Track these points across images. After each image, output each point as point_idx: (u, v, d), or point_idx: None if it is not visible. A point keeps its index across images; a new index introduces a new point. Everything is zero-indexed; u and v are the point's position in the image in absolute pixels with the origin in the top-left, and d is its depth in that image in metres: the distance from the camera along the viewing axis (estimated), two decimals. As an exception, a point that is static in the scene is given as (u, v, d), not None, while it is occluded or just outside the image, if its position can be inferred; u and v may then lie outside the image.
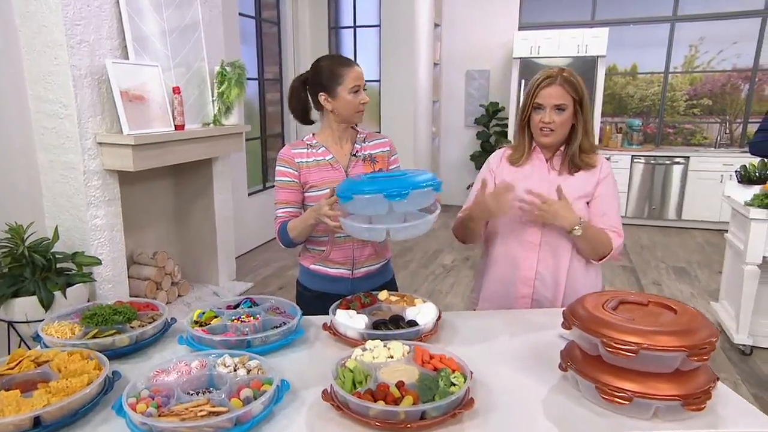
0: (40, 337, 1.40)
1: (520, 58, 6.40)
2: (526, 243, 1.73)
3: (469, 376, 1.15)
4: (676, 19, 6.56)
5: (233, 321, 1.47)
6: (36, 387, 1.14)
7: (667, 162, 6.29)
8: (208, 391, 1.15)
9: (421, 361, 1.23)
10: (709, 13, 6.44)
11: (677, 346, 1.03)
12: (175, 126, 3.17)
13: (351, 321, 1.45)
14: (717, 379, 1.11)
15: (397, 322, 1.46)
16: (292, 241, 1.74)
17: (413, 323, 1.45)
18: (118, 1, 2.90)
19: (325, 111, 1.76)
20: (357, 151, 1.80)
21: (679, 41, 6.65)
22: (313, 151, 1.77)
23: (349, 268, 1.81)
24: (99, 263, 2.88)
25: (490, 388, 1.22)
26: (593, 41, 6.12)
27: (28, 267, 2.57)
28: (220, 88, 3.53)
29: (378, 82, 6.29)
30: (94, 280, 2.87)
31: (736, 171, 3.61)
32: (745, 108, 6.59)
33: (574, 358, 1.20)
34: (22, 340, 2.60)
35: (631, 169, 6.39)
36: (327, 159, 1.76)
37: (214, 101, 3.58)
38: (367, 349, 1.28)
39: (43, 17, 2.63)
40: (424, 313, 1.49)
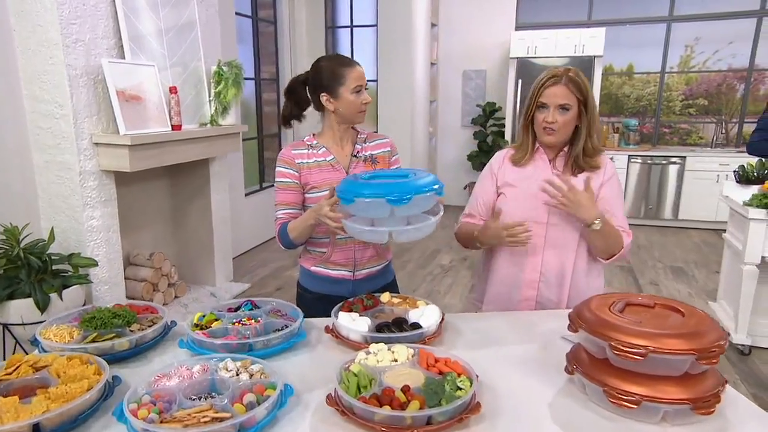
0: (37, 341, 1.37)
1: (517, 58, 6.41)
2: (530, 245, 1.71)
3: (475, 379, 1.14)
4: (672, 19, 6.58)
5: (234, 324, 1.45)
6: (35, 393, 1.11)
7: (663, 162, 6.30)
8: (211, 396, 1.13)
9: (426, 365, 1.21)
10: (704, 14, 6.46)
11: (686, 349, 1.02)
12: (171, 126, 3.14)
13: (353, 324, 1.43)
14: (725, 382, 1.10)
15: (400, 324, 1.45)
16: (292, 243, 1.73)
17: (417, 326, 1.44)
18: (113, 0, 2.87)
19: (327, 112, 1.74)
20: (358, 152, 1.78)
21: (675, 41, 6.67)
22: (314, 151, 1.75)
23: (350, 269, 1.79)
24: (95, 265, 2.85)
25: (496, 392, 1.21)
26: (590, 41, 6.13)
27: (24, 269, 2.54)
28: (217, 88, 3.50)
29: (375, 82, 6.27)
30: (91, 281, 2.84)
31: (735, 171, 3.62)
32: (741, 108, 6.62)
33: (580, 361, 1.19)
34: (18, 343, 2.57)
35: (628, 168, 6.41)
36: (328, 160, 1.74)
37: (211, 101, 3.55)
38: (370, 352, 1.26)
39: (38, 16, 2.60)
40: (427, 315, 1.48)
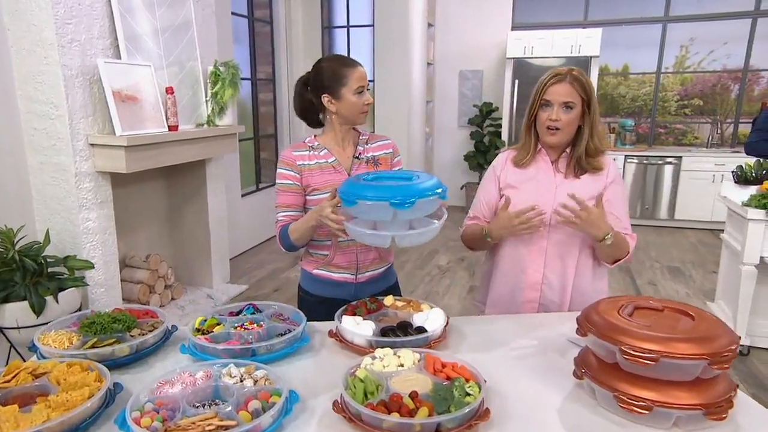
0: (36, 346, 1.35)
1: (514, 58, 6.40)
2: (533, 247, 1.70)
3: (483, 384, 1.12)
4: (667, 20, 6.60)
5: (236, 328, 1.43)
6: (34, 401, 1.09)
7: (659, 162, 6.32)
8: (215, 404, 1.11)
9: (433, 370, 1.20)
10: (700, 14, 6.48)
11: (699, 354, 1.01)
12: (168, 127, 3.11)
13: (358, 328, 1.41)
14: (737, 387, 1.09)
15: (405, 328, 1.43)
16: (293, 245, 1.70)
17: (421, 330, 1.42)
18: (109, 0, 2.84)
19: (328, 112, 1.72)
20: (360, 154, 1.76)
21: (670, 42, 6.69)
22: (315, 153, 1.73)
23: (352, 272, 1.77)
24: (92, 267, 2.82)
25: (504, 397, 1.19)
26: (587, 41, 6.13)
27: (19, 271, 2.51)
28: (213, 89, 3.47)
29: (372, 82, 6.24)
30: (87, 284, 2.81)
31: (733, 171, 3.62)
32: (736, 108, 6.64)
33: (589, 366, 1.17)
34: (13, 347, 2.53)
35: (624, 169, 6.42)
36: (329, 161, 1.72)
37: (207, 102, 3.52)
38: (376, 357, 1.24)
39: (33, 15, 2.57)
40: (432, 319, 1.46)
